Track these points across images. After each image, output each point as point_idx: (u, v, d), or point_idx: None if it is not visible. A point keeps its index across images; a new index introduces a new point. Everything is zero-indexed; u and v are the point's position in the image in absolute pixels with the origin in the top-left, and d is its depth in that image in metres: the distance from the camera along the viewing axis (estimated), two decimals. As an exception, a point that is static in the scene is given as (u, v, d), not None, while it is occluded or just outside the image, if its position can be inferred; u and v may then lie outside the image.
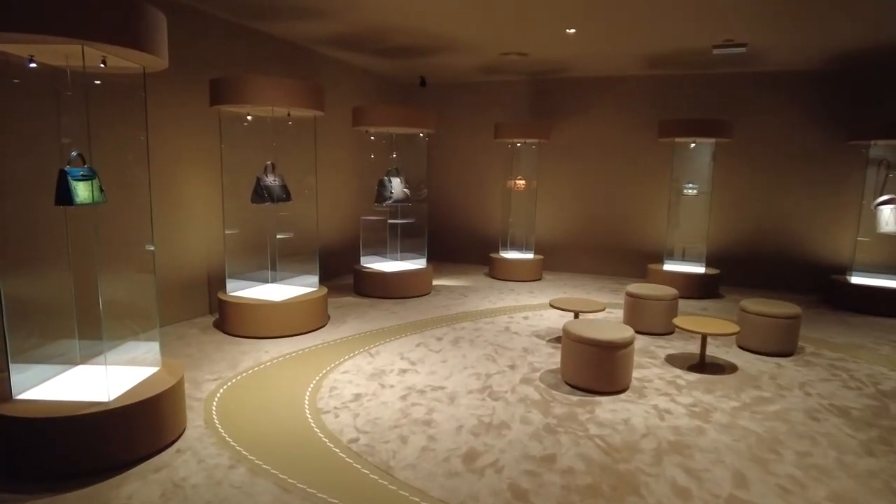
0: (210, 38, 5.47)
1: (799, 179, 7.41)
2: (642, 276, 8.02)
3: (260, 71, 5.94)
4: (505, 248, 8.32)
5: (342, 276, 7.63)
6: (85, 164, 2.92)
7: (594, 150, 8.35)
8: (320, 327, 5.22)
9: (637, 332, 5.29)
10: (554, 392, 3.81)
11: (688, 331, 4.30)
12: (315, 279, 5.48)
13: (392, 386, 3.85)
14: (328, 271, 7.48)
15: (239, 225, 5.42)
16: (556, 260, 8.67)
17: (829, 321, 6.02)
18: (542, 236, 8.67)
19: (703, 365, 4.41)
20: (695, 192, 7.23)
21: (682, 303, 6.36)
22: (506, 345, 4.83)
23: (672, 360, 4.56)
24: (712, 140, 7.00)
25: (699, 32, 5.69)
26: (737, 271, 7.74)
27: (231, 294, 5.14)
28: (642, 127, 7.98)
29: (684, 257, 7.54)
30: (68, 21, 2.41)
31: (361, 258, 6.95)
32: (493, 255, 8.16)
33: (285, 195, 5.21)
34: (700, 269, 7.21)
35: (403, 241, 7.30)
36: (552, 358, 4.50)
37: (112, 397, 2.80)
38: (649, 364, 4.45)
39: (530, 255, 8.11)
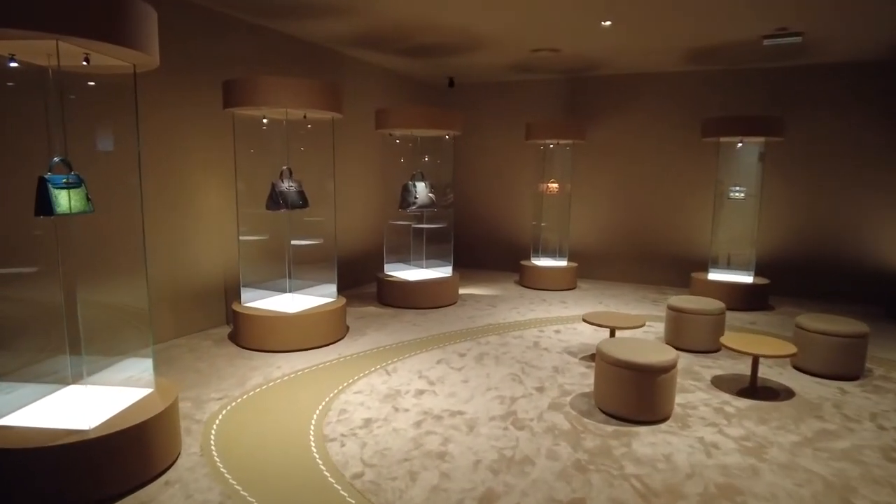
0: (229, 39, 5.28)
1: (858, 181, 6.80)
2: (685, 285, 7.51)
3: (281, 73, 5.72)
4: (536, 254, 7.93)
5: (366, 284, 7.37)
6: (71, 170, 2.70)
7: (632, 150, 7.88)
8: (338, 340, 4.95)
9: (679, 349, 4.85)
10: (586, 420, 3.43)
11: (738, 351, 3.84)
12: (333, 289, 5.21)
13: (406, 410, 3.52)
14: (351, 279, 7.24)
15: (256, 232, 5.21)
16: (592, 268, 8.22)
17: (897, 338, 5.44)
18: (577, 242, 8.24)
19: (754, 389, 3.95)
20: (742, 195, 6.70)
21: (728, 315, 5.84)
22: (534, 363, 4.46)
23: (719, 383, 4.11)
24: (761, 139, 6.47)
25: (749, 21, 5.21)
26: (788, 281, 7.16)
27: (245, 305, 4.92)
28: (684, 126, 7.48)
29: (731, 265, 7.01)
30: (40, 14, 2.18)
31: (385, 266, 6.67)
32: (523, 262, 7.78)
33: (302, 201, 4.96)
34: (748, 279, 6.67)
35: (429, 248, 7.00)
36: (585, 379, 4.11)
37: (92, 425, 2.56)
38: (693, 387, 4.01)
39: (563, 263, 7.69)
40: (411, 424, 3.32)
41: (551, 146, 7.71)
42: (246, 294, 5.01)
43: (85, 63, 2.56)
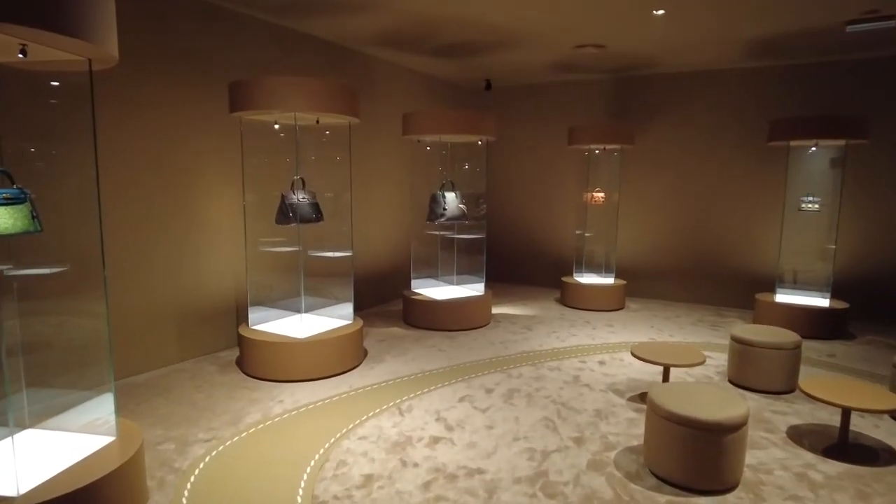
0: (244, 39, 4.90)
1: (959, 190, 5.87)
2: (747, 306, 6.70)
3: (299, 75, 5.31)
4: (580, 270, 7.26)
5: (393, 300, 6.88)
6: (13, 184, 2.29)
7: (687, 156, 7.12)
8: (352, 368, 4.46)
9: (745, 388, 4.14)
10: (633, 486, 2.79)
11: (824, 402, 3.12)
12: (349, 309, 4.73)
13: (416, 465, 2.97)
14: (378, 295, 6.77)
15: (269, 247, 4.79)
16: (642, 285, 7.49)
17: None
18: (625, 257, 7.52)
19: (845, 447, 3.22)
20: (816, 206, 5.86)
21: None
22: (573, 404, 3.83)
23: (798, 436, 3.39)
24: (840, 142, 5.64)
25: (831, 4, 4.46)
26: (870, 304, 6.25)
27: (252, 328, 4.49)
28: (747, 129, 6.68)
29: (802, 286, 6.17)
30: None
31: (412, 282, 6.15)
32: (565, 278, 7.12)
33: (315, 215, 4.51)
34: (823, 302, 5.82)
35: (461, 261, 6.44)
36: (633, 427, 3.47)
37: (23, 490, 2.12)
38: (766, 441, 3.31)
39: (610, 280, 7.00)
40: (419, 486, 2.76)
41: (596, 152, 7.05)
42: (256, 314, 4.59)
43: (21, 56, 2.14)
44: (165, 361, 4.53)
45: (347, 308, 4.73)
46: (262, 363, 4.22)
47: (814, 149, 5.90)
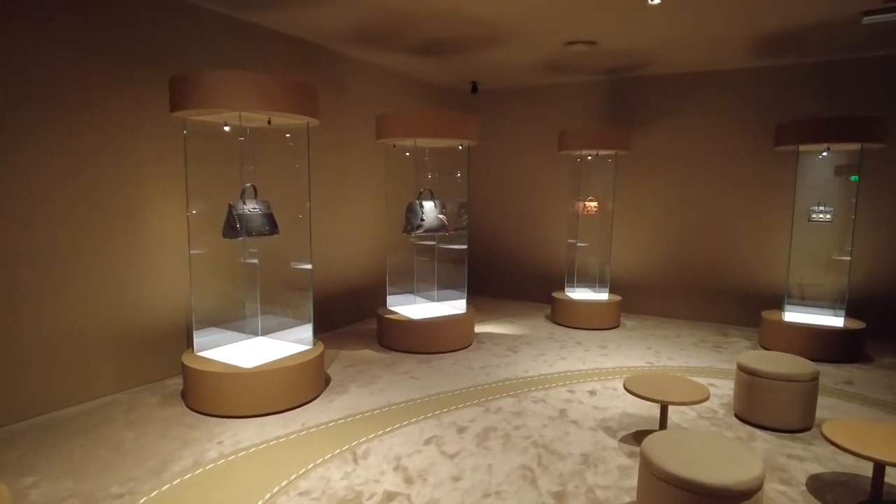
0: (201, 36, 4.43)
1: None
2: (753, 324, 6.20)
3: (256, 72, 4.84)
4: (571, 285, 6.75)
5: (369, 319, 6.36)
6: None
7: (687, 163, 6.64)
8: (309, 401, 3.94)
9: (754, 424, 3.64)
10: (623, 564, 2.28)
11: (855, 454, 2.60)
12: (308, 333, 4.21)
13: (361, 533, 2.46)
14: (352, 314, 6.26)
15: (219, 262, 4.30)
16: (638, 301, 6.98)
17: None
18: (620, 271, 7.02)
19: (877, 505, 2.71)
20: (828, 217, 5.37)
21: (817, 373, 4.54)
22: (556, 446, 3.31)
23: (819, 488, 2.87)
24: (855, 146, 5.15)
25: (845, -7, 4.00)
26: (887, 323, 5.74)
27: (197, 355, 3.98)
28: (752, 133, 6.21)
29: (813, 302, 5.67)
30: None
31: (388, 299, 5.64)
32: (555, 294, 6.62)
33: (268, 227, 4.01)
34: (838, 321, 5.32)
35: (444, 276, 5.92)
36: (626, 478, 2.95)
37: None
38: (783, 498, 2.79)
39: (604, 296, 6.49)
40: (360, 564, 2.25)
41: (589, 158, 6.56)
42: (203, 339, 4.07)
43: None
44: (101, 392, 4.02)
45: (306, 331, 4.21)
46: (204, 396, 3.71)
47: (825, 153, 5.41)
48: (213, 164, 4.15)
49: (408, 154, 5.67)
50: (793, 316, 5.51)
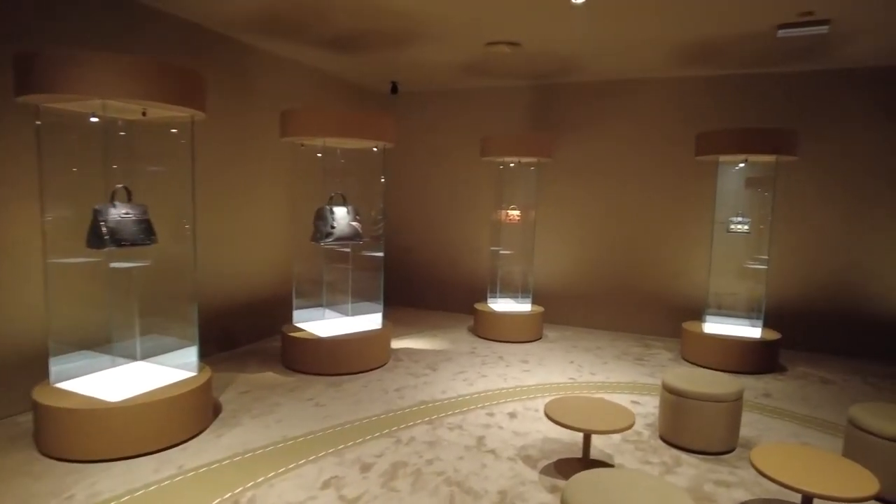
0: (72, 13, 3.79)
1: (890, 209, 5.56)
2: (674, 334, 6.16)
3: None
4: (494, 295, 6.49)
5: (275, 336, 5.79)
6: None
7: (610, 172, 6.55)
8: (191, 437, 3.41)
9: (679, 447, 3.46)
10: None
11: (788, 488, 2.41)
12: (193, 357, 3.66)
13: None
14: (257, 330, 5.69)
15: (91, 275, 3.68)
16: (561, 312, 6.82)
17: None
18: (543, 281, 6.84)
19: (806, 537, 2.54)
20: (746, 227, 5.38)
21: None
22: (472, 483, 2.97)
23: (749, 522, 2.69)
24: (771, 158, 5.18)
25: (764, 5, 3.93)
26: (798, 331, 5.84)
27: (54, 386, 3.35)
28: (675, 143, 6.18)
29: (732, 312, 5.67)
30: None
31: (294, 315, 5.13)
32: (478, 305, 6.33)
33: (144, 235, 3.45)
34: (755, 332, 5.32)
35: (359, 288, 5.48)
36: (545, 519, 2.65)
37: None
38: (712, 533, 2.58)
39: (527, 306, 6.27)
40: None
41: (511, 165, 6.33)
42: (63, 366, 3.44)
43: None
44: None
45: (190, 355, 3.66)
46: (57, 437, 3.10)
47: (742, 164, 5.43)
48: (80, 162, 3.56)
49: (319, 155, 5.20)
50: (712, 327, 5.47)
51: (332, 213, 4.83)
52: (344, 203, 4.94)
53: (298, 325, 5.05)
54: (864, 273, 5.68)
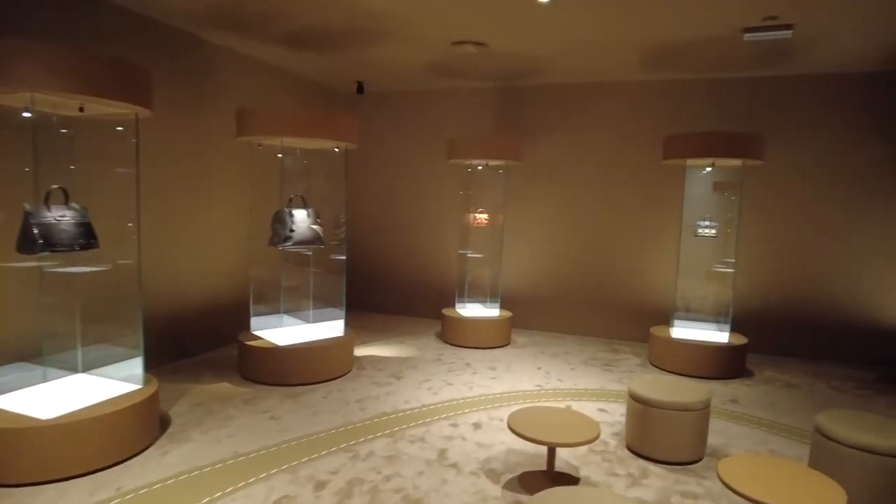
0: (23, 8, 3.54)
1: (854, 214, 5.61)
2: (642, 339, 6.12)
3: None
4: (462, 300, 6.36)
5: (232, 344, 5.55)
6: None
7: (578, 175, 6.49)
8: (135, 455, 3.19)
9: (646, 457, 3.36)
10: None
11: (757, 503, 2.33)
12: (138, 369, 3.44)
13: None
14: (214, 338, 5.45)
15: (24, 280, 3.43)
16: (529, 316, 6.73)
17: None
18: (511, 286, 6.74)
19: (774, 552, 2.45)
20: (713, 232, 5.37)
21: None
22: (431, 499, 2.82)
23: (716, 536, 2.60)
24: (737, 162, 5.17)
25: (730, 7, 3.89)
26: (764, 336, 5.86)
27: (-19, 403, 3.10)
28: (644, 147, 6.15)
29: (699, 316, 5.65)
30: None
31: (252, 322, 4.92)
32: (445, 310, 6.20)
33: (84, 239, 3.22)
34: (722, 337, 5.30)
35: (322, 292, 5.28)
36: (507, 539, 2.52)
37: None
38: (679, 550, 2.48)
39: (495, 312, 6.16)
40: None
41: (479, 168, 6.22)
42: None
43: None
44: None
45: (135, 367, 3.44)
46: (-17, 459, 2.86)
47: (709, 169, 5.42)
48: (14, 161, 3.31)
49: (280, 156, 5.00)
50: (680, 332, 5.44)
51: (291, 215, 4.64)
52: (304, 205, 4.75)
53: (256, 332, 4.84)
54: (828, 277, 5.72)
